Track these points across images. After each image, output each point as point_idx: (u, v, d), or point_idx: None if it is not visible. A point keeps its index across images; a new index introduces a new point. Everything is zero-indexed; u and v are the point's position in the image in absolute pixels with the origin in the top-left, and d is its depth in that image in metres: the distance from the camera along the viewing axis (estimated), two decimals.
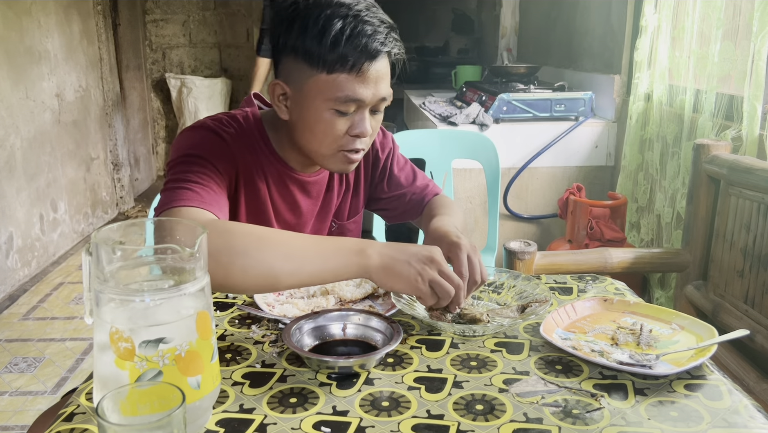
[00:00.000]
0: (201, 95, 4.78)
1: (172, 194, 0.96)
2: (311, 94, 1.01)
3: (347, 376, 0.82)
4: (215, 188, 1.00)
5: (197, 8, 4.94)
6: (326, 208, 1.23)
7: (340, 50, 0.97)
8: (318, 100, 1.01)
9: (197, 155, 1.02)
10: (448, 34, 4.77)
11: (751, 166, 1.51)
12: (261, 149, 1.12)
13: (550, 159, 2.51)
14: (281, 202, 1.16)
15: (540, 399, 0.77)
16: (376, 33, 0.98)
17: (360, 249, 0.90)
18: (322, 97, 1.00)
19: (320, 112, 1.01)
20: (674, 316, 0.96)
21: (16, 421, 2.05)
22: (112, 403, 0.58)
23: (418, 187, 1.30)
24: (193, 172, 1.00)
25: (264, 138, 1.13)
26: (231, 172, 1.07)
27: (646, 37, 2.17)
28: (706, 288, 1.68)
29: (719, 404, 0.76)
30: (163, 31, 4.96)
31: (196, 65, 5.05)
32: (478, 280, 0.96)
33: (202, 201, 0.95)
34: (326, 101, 1.00)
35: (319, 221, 1.23)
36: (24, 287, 3.10)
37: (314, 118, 1.02)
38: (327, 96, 1.00)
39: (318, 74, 0.99)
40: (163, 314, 0.66)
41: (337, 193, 1.24)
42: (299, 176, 1.15)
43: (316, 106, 1.01)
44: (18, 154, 3.10)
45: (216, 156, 1.04)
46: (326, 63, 0.98)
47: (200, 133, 1.07)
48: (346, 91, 0.99)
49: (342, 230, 1.27)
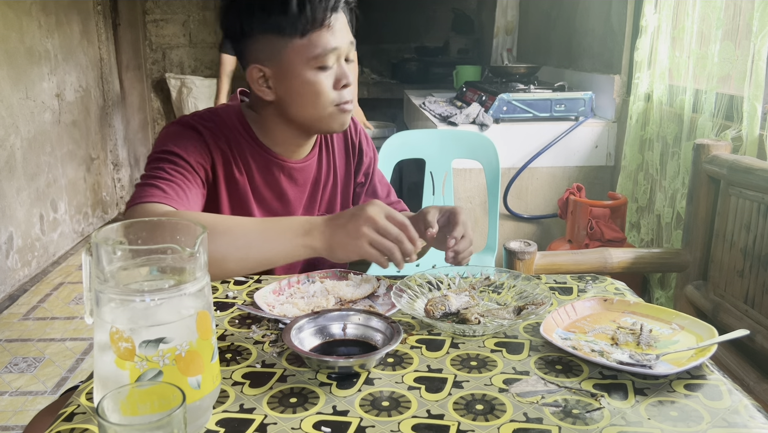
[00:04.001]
0: (201, 95, 4.78)
1: (139, 191, 1.01)
2: (292, 63, 1.05)
3: (347, 376, 0.82)
4: (182, 183, 1.03)
5: (197, 8, 4.94)
6: (314, 198, 1.24)
7: (308, 12, 1.02)
8: (300, 65, 1.05)
9: (169, 151, 1.06)
10: (448, 34, 4.77)
11: (751, 166, 1.51)
12: (243, 138, 1.14)
13: (550, 159, 2.51)
14: (267, 190, 1.17)
15: (540, 399, 0.77)
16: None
17: (305, 230, 0.92)
18: (303, 59, 1.05)
19: (305, 76, 1.05)
20: (674, 316, 0.96)
21: (16, 421, 2.05)
22: (112, 403, 0.58)
23: (390, 201, 1.36)
24: (162, 169, 1.04)
25: (246, 127, 1.15)
26: (206, 163, 1.09)
27: (646, 37, 2.17)
28: (706, 288, 1.68)
29: (719, 404, 0.76)
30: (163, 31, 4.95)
31: (196, 65, 5.05)
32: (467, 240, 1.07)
33: (165, 196, 0.99)
34: (308, 62, 1.05)
35: (307, 211, 1.24)
36: (24, 287, 3.10)
37: (301, 83, 1.06)
38: (307, 56, 1.04)
39: (293, 40, 1.04)
40: (164, 314, 0.66)
41: (323, 184, 1.25)
42: (285, 162, 1.17)
43: (299, 72, 1.05)
44: (18, 154, 3.10)
45: (189, 150, 1.07)
46: (297, 27, 1.03)
47: (175, 129, 1.10)
48: (323, 45, 1.04)
49: None
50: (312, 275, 1.13)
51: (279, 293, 1.06)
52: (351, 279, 1.12)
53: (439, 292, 1.06)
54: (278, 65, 1.06)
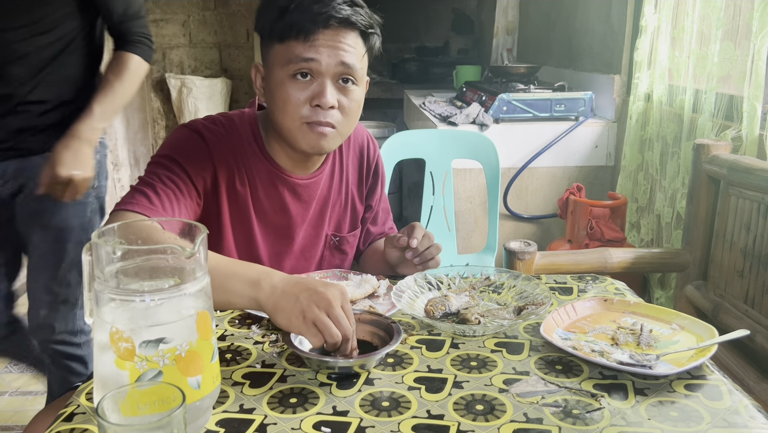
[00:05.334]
0: (201, 95, 4.78)
1: (128, 195, 1.01)
2: (271, 66, 1.05)
3: (347, 376, 0.82)
4: (174, 194, 1.03)
5: (197, 8, 4.94)
6: (322, 216, 1.22)
7: (288, 17, 1.01)
8: (276, 70, 1.04)
9: (170, 157, 1.06)
10: (448, 34, 4.77)
11: (751, 166, 1.51)
12: (251, 149, 1.13)
13: (550, 159, 2.51)
14: (269, 204, 1.15)
15: (540, 399, 0.77)
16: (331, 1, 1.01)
17: (255, 280, 0.87)
18: (278, 65, 1.04)
19: (279, 82, 1.04)
20: (674, 316, 0.96)
21: (16, 421, 2.05)
22: (112, 403, 0.58)
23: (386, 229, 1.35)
24: (157, 176, 1.04)
25: (257, 138, 1.14)
26: (206, 174, 1.08)
27: (646, 37, 2.17)
28: (706, 288, 1.68)
29: (719, 404, 0.76)
30: (163, 31, 4.95)
31: (196, 65, 5.05)
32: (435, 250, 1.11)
33: (150, 208, 0.98)
34: (282, 69, 1.03)
35: (312, 228, 1.21)
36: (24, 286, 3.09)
37: (275, 88, 1.05)
38: (281, 63, 1.03)
39: (273, 45, 1.04)
40: (164, 314, 0.66)
41: (333, 203, 1.23)
42: (290, 178, 1.14)
43: (275, 76, 1.05)
44: None
45: (191, 159, 1.07)
46: (276, 31, 1.03)
47: (183, 134, 1.10)
48: (297, 54, 1.02)
49: (342, 242, 1.26)
50: (312, 275, 1.13)
51: None
52: (351, 279, 1.11)
53: (439, 292, 1.06)
54: (266, 67, 1.08)
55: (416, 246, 1.10)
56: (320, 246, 1.23)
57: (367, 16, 1.06)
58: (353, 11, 1.03)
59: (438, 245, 1.12)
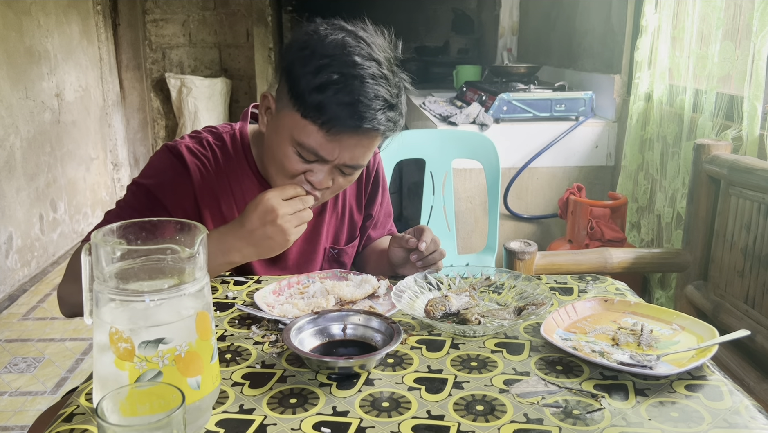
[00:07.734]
0: (201, 95, 4.78)
1: (102, 222, 1.03)
2: (282, 124, 1.01)
3: (347, 376, 0.82)
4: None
5: (197, 8, 4.94)
6: (317, 231, 1.21)
7: (320, 99, 0.94)
8: (284, 133, 1.00)
9: (148, 189, 1.08)
10: (448, 34, 4.77)
11: (752, 166, 1.51)
12: (242, 170, 1.13)
13: (550, 159, 2.50)
14: None
15: (540, 400, 0.76)
16: (366, 107, 0.94)
17: (225, 250, 0.99)
18: (289, 133, 0.99)
19: (284, 145, 1.01)
20: (675, 316, 0.96)
21: (16, 421, 2.05)
22: (111, 403, 0.58)
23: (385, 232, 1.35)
24: (131, 207, 1.07)
25: (248, 157, 1.14)
26: (186, 203, 1.10)
27: (647, 37, 2.17)
28: (707, 288, 1.68)
29: (720, 404, 0.76)
30: (163, 31, 4.95)
31: (196, 65, 5.04)
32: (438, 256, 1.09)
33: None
34: (291, 139, 0.99)
35: (306, 243, 1.21)
36: (24, 287, 3.09)
37: (277, 146, 1.02)
38: (292, 135, 0.99)
39: (294, 111, 0.97)
40: (163, 314, 0.66)
41: (328, 217, 1.23)
42: None
43: (282, 138, 1.01)
44: (18, 154, 3.10)
45: (168, 190, 1.08)
46: (303, 105, 0.96)
47: (164, 161, 1.10)
48: (310, 143, 0.98)
49: (340, 254, 1.27)
50: (312, 275, 1.13)
51: (279, 294, 1.06)
52: (351, 279, 1.11)
53: (439, 292, 1.06)
54: (278, 113, 1.02)
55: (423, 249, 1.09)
56: (318, 260, 1.23)
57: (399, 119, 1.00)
58: (387, 123, 0.98)
59: (442, 250, 1.11)
